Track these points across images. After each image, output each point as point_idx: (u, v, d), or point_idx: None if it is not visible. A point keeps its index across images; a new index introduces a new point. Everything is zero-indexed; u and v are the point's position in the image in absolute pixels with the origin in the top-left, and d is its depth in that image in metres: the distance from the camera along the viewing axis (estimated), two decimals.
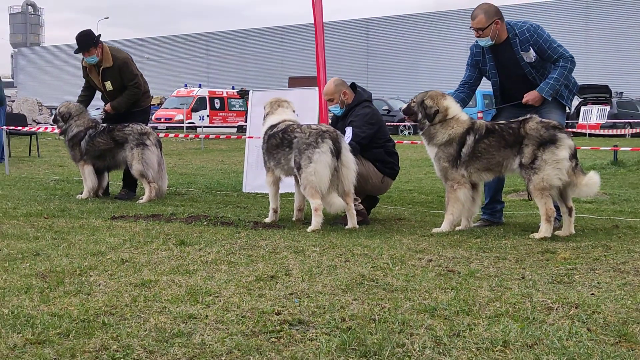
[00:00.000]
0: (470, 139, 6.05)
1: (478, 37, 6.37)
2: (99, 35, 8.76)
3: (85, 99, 9.09)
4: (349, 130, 6.71)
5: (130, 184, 8.82)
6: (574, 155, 5.82)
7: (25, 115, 22.27)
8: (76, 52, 8.67)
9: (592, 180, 5.78)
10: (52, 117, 9.19)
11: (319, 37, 9.08)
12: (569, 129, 26.01)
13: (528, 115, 5.99)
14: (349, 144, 6.50)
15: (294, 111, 6.96)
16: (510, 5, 55.06)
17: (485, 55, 6.48)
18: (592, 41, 51.49)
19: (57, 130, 9.01)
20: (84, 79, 9.07)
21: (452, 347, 2.97)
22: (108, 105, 8.78)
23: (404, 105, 6.49)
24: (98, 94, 9.15)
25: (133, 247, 5.21)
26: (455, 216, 6.18)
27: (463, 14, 57.46)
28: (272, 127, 6.71)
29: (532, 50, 6.26)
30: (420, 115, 6.27)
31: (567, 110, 6.88)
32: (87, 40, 8.60)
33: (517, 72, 6.38)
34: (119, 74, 8.69)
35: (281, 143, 6.51)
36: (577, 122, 30.10)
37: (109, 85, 8.74)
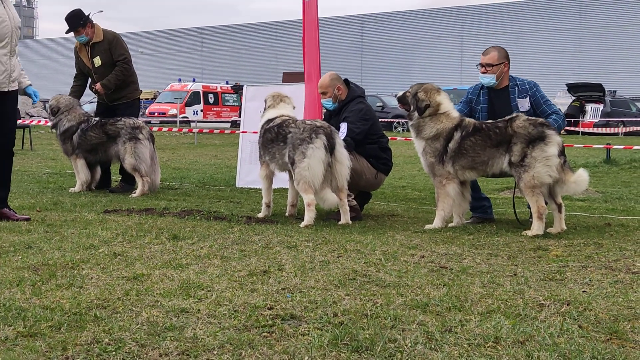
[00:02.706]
0: (457, 135, 6.09)
1: (484, 72, 6.47)
2: (89, 14, 8.83)
3: (78, 88, 9.11)
4: (343, 126, 6.72)
5: (128, 177, 8.79)
6: (562, 152, 5.85)
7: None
8: (67, 32, 8.78)
9: (580, 178, 5.81)
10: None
11: (314, 34, 9.05)
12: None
13: (514, 114, 6.02)
14: (344, 139, 6.51)
15: (294, 107, 6.98)
16: (506, 3, 55.13)
17: (480, 97, 6.58)
18: (586, 40, 51.61)
19: (49, 124, 9.00)
20: (75, 67, 9.09)
21: (444, 343, 2.98)
22: (98, 84, 8.75)
23: (400, 93, 6.54)
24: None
25: (125, 241, 5.20)
26: (446, 212, 6.20)
27: (457, 12, 57.55)
28: (269, 121, 6.72)
29: (528, 99, 6.39)
30: (412, 107, 6.32)
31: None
32: (75, 21, 8.70)
33: None
34: (109, 49, 8.75)
35: (276, 138, 6.52)
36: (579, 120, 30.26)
37: (97, 60, 8.76)
